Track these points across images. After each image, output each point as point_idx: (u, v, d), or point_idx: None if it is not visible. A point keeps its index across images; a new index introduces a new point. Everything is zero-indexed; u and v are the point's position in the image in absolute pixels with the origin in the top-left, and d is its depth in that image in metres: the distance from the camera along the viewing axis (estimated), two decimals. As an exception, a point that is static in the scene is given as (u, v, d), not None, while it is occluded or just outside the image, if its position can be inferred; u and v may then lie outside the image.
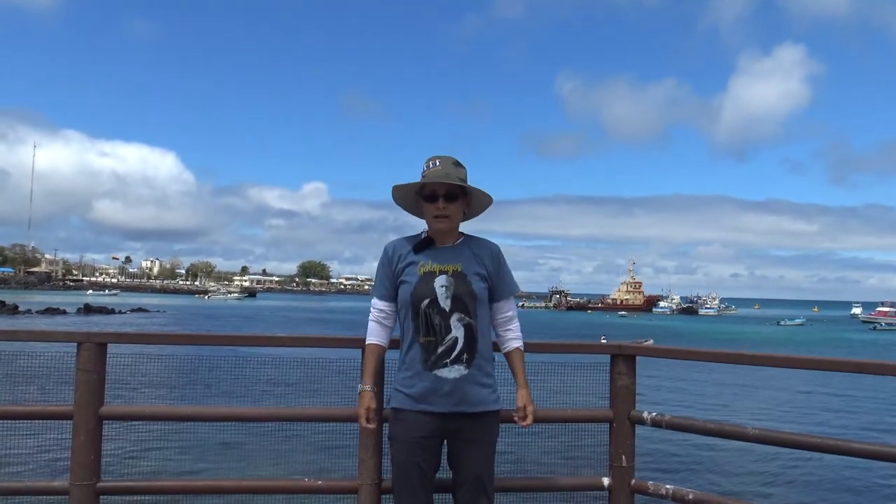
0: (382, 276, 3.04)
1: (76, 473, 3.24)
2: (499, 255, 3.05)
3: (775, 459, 12.03)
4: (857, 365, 3.09)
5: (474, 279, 2.92)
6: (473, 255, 2.98)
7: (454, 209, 2.95)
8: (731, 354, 3.56)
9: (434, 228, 2.99)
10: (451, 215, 2.95)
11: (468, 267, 2.94)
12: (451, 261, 2.94)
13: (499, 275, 3.02)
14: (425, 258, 2.96)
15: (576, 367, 3.69)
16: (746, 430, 3.28)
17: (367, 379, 3.00)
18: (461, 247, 3.01)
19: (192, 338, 3.81)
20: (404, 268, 2.97)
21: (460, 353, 2.87)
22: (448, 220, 2.95)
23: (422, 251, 2.98)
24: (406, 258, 2.99)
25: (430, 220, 2.98)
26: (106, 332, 3.41)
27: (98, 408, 3.29)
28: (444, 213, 2.93)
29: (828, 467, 11.71)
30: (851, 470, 11.47)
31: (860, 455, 3.06)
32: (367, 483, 3.29)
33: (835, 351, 45.43)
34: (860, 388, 22.78)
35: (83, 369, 3.27)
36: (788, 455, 11.86)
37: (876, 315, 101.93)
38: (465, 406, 2.87)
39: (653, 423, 3.45)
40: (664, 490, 3.40)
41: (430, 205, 2.95)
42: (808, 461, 11.81)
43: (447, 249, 2.99)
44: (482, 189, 2.99)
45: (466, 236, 3.08)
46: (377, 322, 3.06)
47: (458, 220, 3.01)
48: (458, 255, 2.96)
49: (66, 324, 49.18)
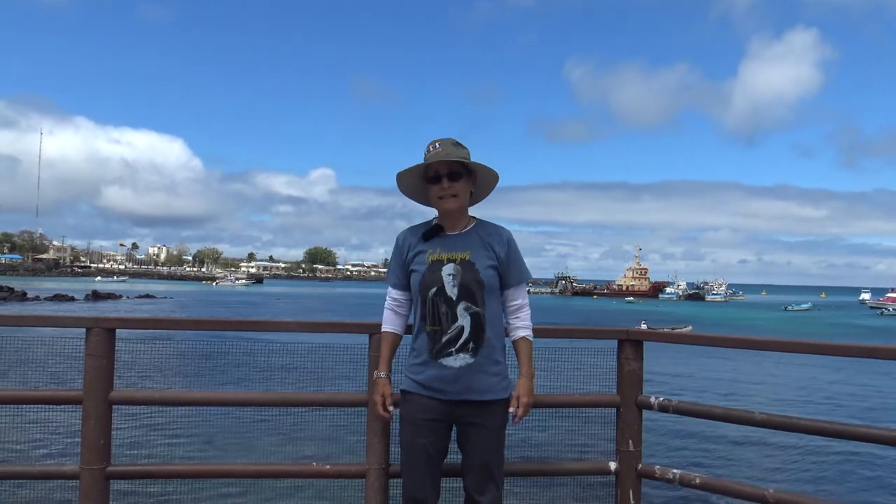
0: (394, 266, 3.04)
1: (86, 457, 3.26)
2: (510, 241, 2.99)
3: (783, 445, 12.04)
4: (870, 350, 3.07)
5: (483, 267, 2.89)
6: (483, 242, 2.95)
7: (460, 187, 2.91)
8: (738, 339, 3.55)
9: (442, 210, 2.96)
10: (457, 193, 2.91)
11: (476, 254, 2.91)
12: (459, 248, 2.92)
13: (509, 262, 2.97)
14: (433, 246, 2.94)
15: (583, 351, 3.68)
16: (753, 414, 3.27)
17: (383, 366, 3.03)
18: (470, 233, 2.98)
19: (199, 323, 3.82)
20: (414, 256, 2.97)
21: (466, 342, 2.86)
22: (456, 199, 2.91)
23: (431, 239, 2.96)
24: (416, 247, 2.98)
25: (437, 202, 2.95)
26: (114, 317, 3.41)
27: (107, 393, 3.30)
28: (450, 192, 2.90)
29: (835, 451, 11.71)
30: (860, 455, 11.47)
31: (868, 440, 3.06)
32: (375, 467, 3.31)
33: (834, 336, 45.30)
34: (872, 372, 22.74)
35: (92, 354, 3.28)
36: (797, 440, 11.86)
37: (885, 301, 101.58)
38: (471, 394, 2.86)
39: (660, 408, 3.44)
40: (671, 475, 3.40)
41: (434, 186, 2.92)
42: (818, 446, 11.80)
43: (456, 237, 2.96)
44: (486, 165, 2.95)
45: (478, 222, 3.04)
46: (391, 310, 3.08)
47: (466, 199, 2.97)
48: (467, 243, 2.94)
49: (75, 310, 49.46)
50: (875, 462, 11.32)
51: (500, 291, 2.99)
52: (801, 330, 54.49)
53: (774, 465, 11.25)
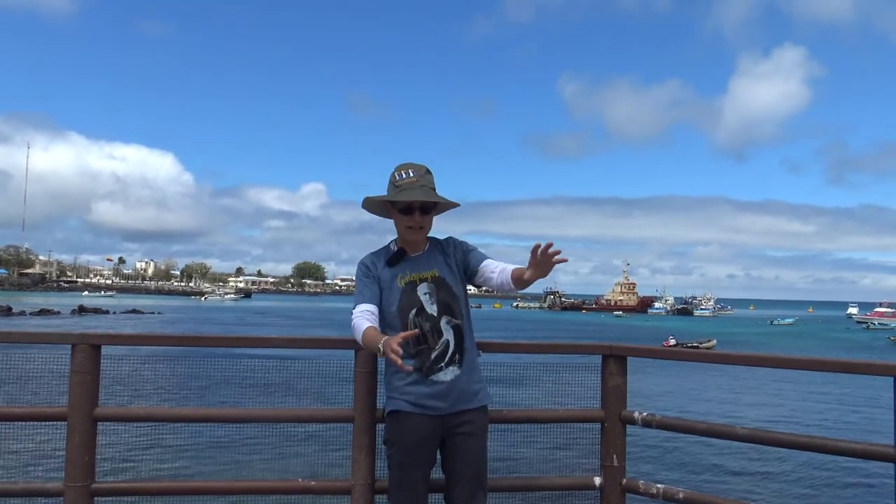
0: (368, 283, 3.02)
1: (70, 475, 3.25)
2: (458, 242, 3.14)
3: (765, 459, 12.08)
4: (847, 365, 3.12)
5: (453, 282, 3.04)
6: (444, 259, 3.07)
7: (429, 220, 3.04)
8: (721, 355, 3.59)
9: (408, 239, 3.06)
10: (425, 227, 3.04)
11: (444, 271, 3.04)
12: (426, 268, 3.04)
13: (465, 253, 3.10)
14: (401, 270, 3.03)
15: (568, 367, 3.71)
16: (736, 429, 3.31)
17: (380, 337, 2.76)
18: (431, 252, 3.09)
19: (185, 339, 3.82)
20: (387, 281, 3.03)
21: (453, 355, 2.96)
22: (423, 230, 3.04)
23: (396, 264, 3.05)
24: (383, 272, 3.04)
25: (404, 230, 3.03)
26: (100, 333, 3.41)
27: (92, 409, 3.29)
28: (419, 225, 3.00)
29: (818, 466, 11.76)
30: (841, 469, 11.53)
31: (848, 454, 3.09)
32: (360, 483, 3.31)
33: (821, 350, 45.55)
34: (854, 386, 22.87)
35: (77, 371, 3.28)
36: (779, 455, 11.90)
37: (872, 316, 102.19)
38: (463, 404, 2.96)
39: (644, 423, 3.47)
40: (655, 489, 3.42)
41: (405, 217, 3.00)
42: (799, 461, 11.85)
43: (420, 257, 3.07)
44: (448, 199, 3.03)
45: (431, 240, 3.15)
46: (362, 318, 2.91)
47: (430, 229, 3.09)
48: (432, 261, 3.06)
49: (60, 325, 48.99)
50: (859, 476, 11.37)
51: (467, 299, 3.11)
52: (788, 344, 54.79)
53: (757, 479, 11.28)
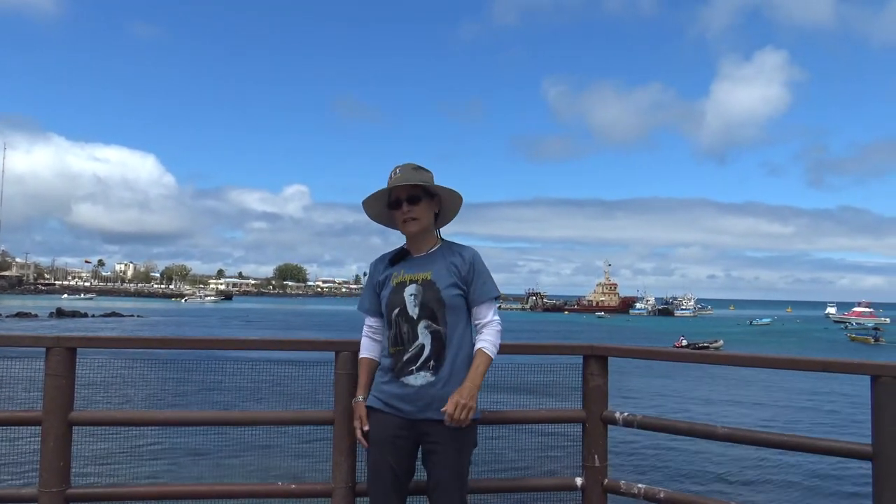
0: (367, 292, 3.12)
1: (45, 480, 3.20)
2: (473, 260, 2.99)
3: (746, 458, 12.18)
4: (824, 364, 3.14)
5: (444, 286, 2.91)
6: (446, 262, 2.97)
7: (420, 210, 2.96)
8: (701, 354, 3.60)
9: (405, 233, 3.03)
10: (418, 217, 2.95)
11: (438, 274, 2.94)
12: (422, 270, 2.97)
13: (472, 280, 2.97)
14: (399, 269, 3.01)
15: (549, 367, 3.71)
16: (716, 429, 3.32)
17: (360, 391, 3.06)
18: (435, 254, 3.02)
19: (163, 342, 3.78)
20: (383, 281, 3.04)
21: (426, 360, 2.88)
22: (417, 221, 2.96)
23: (397, 263, 3.03)
24: (384, 271, 3.05)
25: (400, 226, 3.01)
26: (76, 335, 3.35)
27: (67, 413, 3.24)
28: (410, 216, 2.95)
29: (797, 465, 11.88)
30: (820, 466, 11.65)
31: (827, 452, 3.12)
32: (341, 486, 3.28)
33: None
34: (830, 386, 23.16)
35: (52, 374, 3.22)
36: (759, 454, 12.01)
37: (850, 315, 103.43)
38: (432, 413, 2.85)
39: (625, 423, 3.47)
40: (636, 489, 3.43)
41: (396, 211, 2.99)
42: (778, 459, 11.97)
43: (421, 258, 3.02)
44: (448, 187, 2.99)
45: (444, 243, 3.09)
46: (368, 337, 3.14)
47: (428, 221, 3.00)
48: (431, 264, 2.98)
49: (37, 328, 48.33)
50: (840, 474, 11.50)
51: (467, 312, 3.00)
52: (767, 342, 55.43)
53: (738, 478, 11.37)
